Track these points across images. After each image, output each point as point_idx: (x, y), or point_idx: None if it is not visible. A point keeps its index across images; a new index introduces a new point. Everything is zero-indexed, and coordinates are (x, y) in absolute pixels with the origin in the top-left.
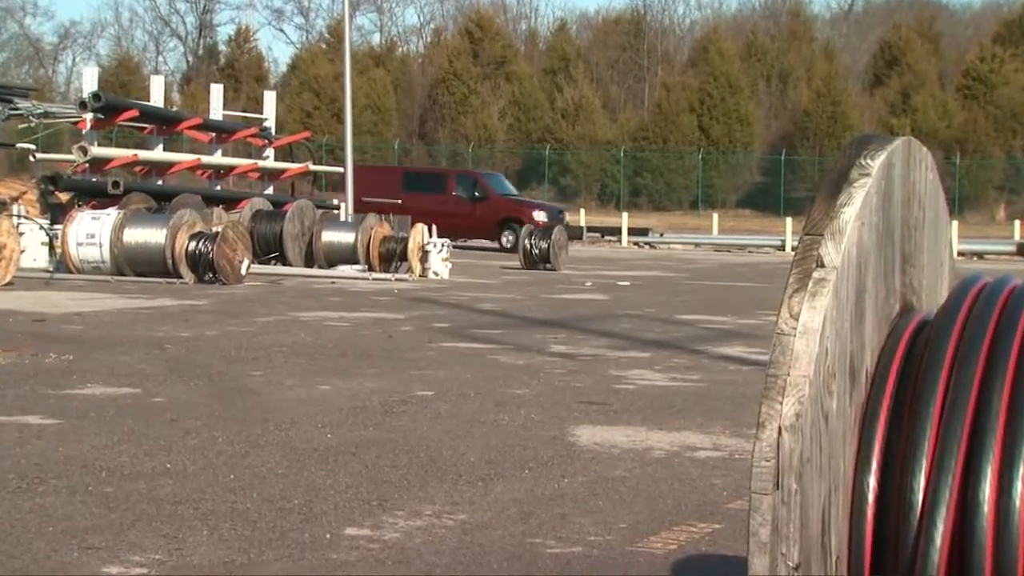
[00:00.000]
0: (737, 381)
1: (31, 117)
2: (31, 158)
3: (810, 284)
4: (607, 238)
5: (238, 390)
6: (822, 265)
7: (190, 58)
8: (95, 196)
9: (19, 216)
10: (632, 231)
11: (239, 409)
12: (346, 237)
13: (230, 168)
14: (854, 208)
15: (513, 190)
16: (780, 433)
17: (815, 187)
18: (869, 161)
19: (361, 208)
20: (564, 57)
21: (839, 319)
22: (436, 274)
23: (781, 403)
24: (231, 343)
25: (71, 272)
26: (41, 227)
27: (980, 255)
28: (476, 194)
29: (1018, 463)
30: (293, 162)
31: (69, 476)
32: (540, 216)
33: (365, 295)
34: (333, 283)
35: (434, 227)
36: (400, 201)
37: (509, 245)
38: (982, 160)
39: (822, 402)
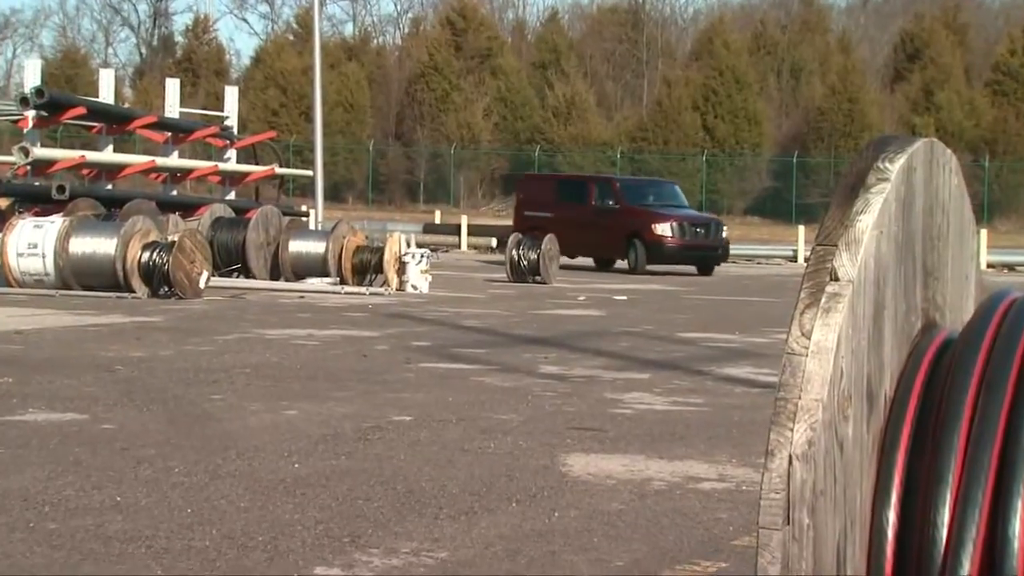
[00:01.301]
0: (744, 405)
1: None
2: None
3: (823, 299)
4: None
5: (196, 415)
6: (836, 278)
7: (143, 50)
8: (38, 202)
9: None
10: None
11: (197, 436)
12: (315, 247)
13: (187, 171)
14: (871, 216)
15: (683, 199)
16: (791, 462)
17: (829, 192)
18: (888, 165)
19: (524, 227)
20: (555, 50)
21: (855, 338)
22: (415, 288)
23: (792, 430)
24: (188, 364)
25: (11, 286)
26: None
27: (1011, 267)
28: (609, 203)
29: None
30: (257, 164)
31: (8, 511)
32: (664, 230)
33: (336, 311)
34: (301, 298)
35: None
36: (551, 215)
37: (632, 265)
38: (1013, 163)
39: (837, 429)
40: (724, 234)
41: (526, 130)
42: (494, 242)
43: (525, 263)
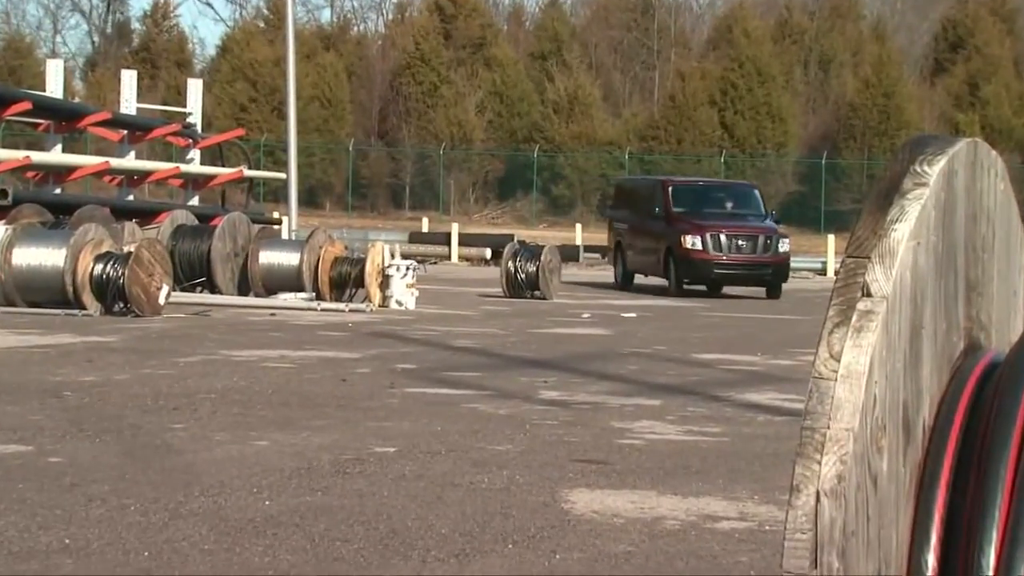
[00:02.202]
0: (767, 435)
1: None
2: None
3: (854, 317)
4: (608, 259)
5: (155, 447)
6: (869, 294)
7: (96, 38)
8: None
9: None
10: None
11: (156, 471)
12: (289, 258)
13: (146, 173)
14: (908, 225)
15: (758, 206)
16: (819, 499)
17: (862, 198)
18: (926, 168)
19: (613, 244)
20: (556, 39)
21: (890, 360)
22: (400, 304)
23: (819, 462)
24: (146, 389)
25: None
26: None
27: None
28: (655, 210)
29: None
30: (224, 166)
31: None
32: (694, 243)
33: (312, 330)
34: (273, 315)
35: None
36: (626, 226)
37: (669, 285)
38: None
39: (869, 461)
40: (784, 247)
41: (524, 128)
42: (488, 253)
43: (523, 276)
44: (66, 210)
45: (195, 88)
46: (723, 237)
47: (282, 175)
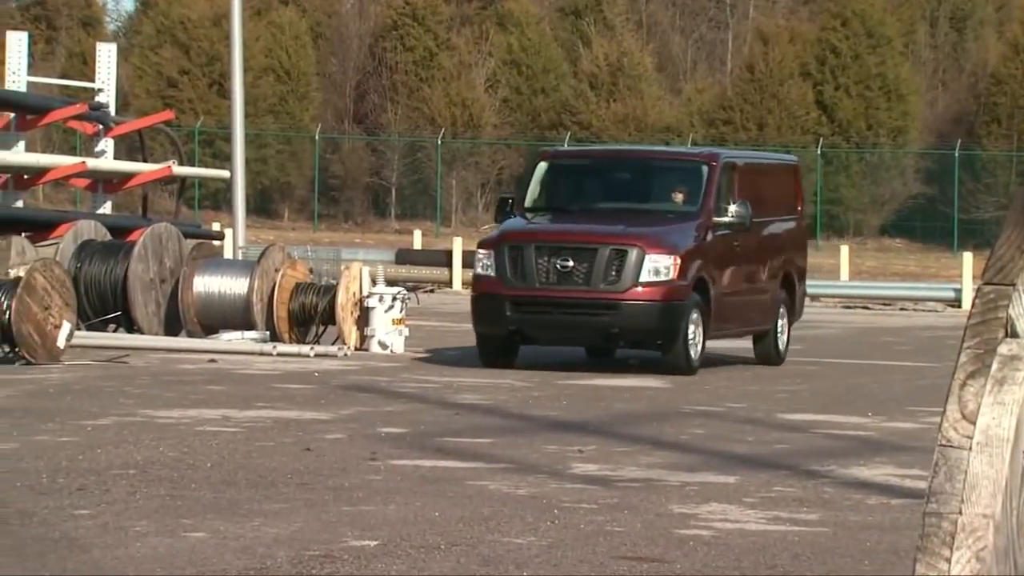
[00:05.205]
0: (882, 524)
1: None
2: None
3: (994, 365)
4: None
5: (52, 541)
6: (1015, 334)
7: None
8: None
9: None
10: None
11: (54, 573)
12: (234, 285)
13: (40, 171)
14: None
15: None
16: None
17: (1009, 203)
18: None
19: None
20: None
21: None
22: (384, 346)
23: (949, 560)
24: (42, 463)
25: None
26: None
27: None
28: (512, 202)
29: None
30: (146, 160)
31: None
32: (484, 266)
33: (266, 381)
34: (213, 361)
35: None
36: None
37: None
38: None
39: (1016, 559)
40: (661, 272)
41: (550, 109)
42: None
43: None
44: None
45: (107, 55)
46: (543, 253)
47: (225, 173)
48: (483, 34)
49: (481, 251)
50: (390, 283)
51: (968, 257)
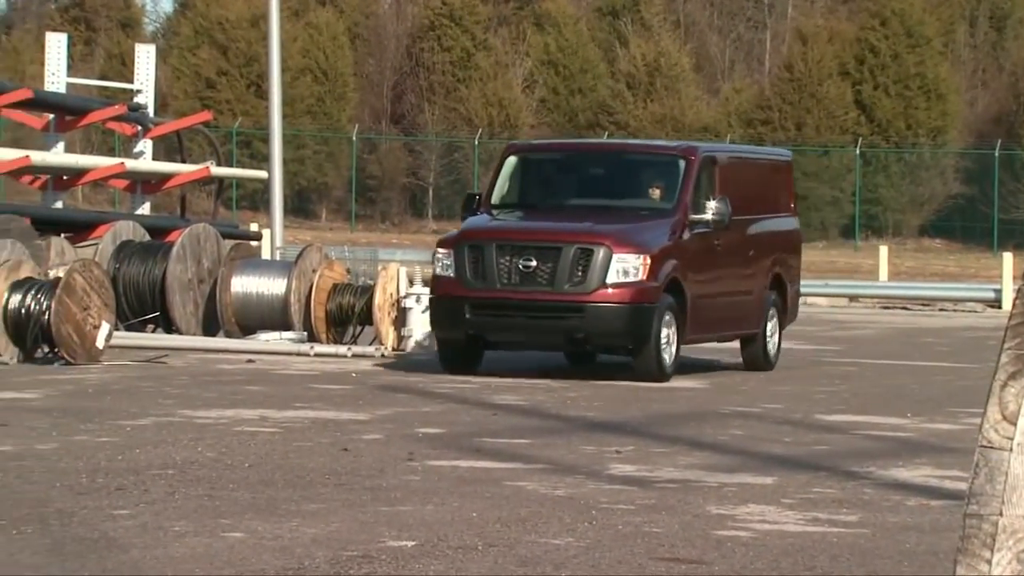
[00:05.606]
0: (921, 526)
1: None
2: None
3: None
4: None
5: (91, 541)
6: None
7: None
8: None
9: None
10: None
11: (93, 573)
12: (271, 286)
13: (79, 172)
14: None
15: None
16: None
17: None
18: None
19: None
20: None
21: None
22: (421, 346)
23: (989, 562)
24: (81, 463)
25: None
26: None
27: None
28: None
29: None
30: (184, 161)
31: None
32: (444, 265)
33: (303, 381)
34: (251, 361)
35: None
36: None
37: None
38: None
39: None
40: (627, 273)
41: (587, 109)
42: None
43: None
44: None
45: (146, 57)
46: (504, 253)
47: (263, 173)
48: (520, 34)
49: (440, 250)
50: (427, 283)
51: (1008, 257)
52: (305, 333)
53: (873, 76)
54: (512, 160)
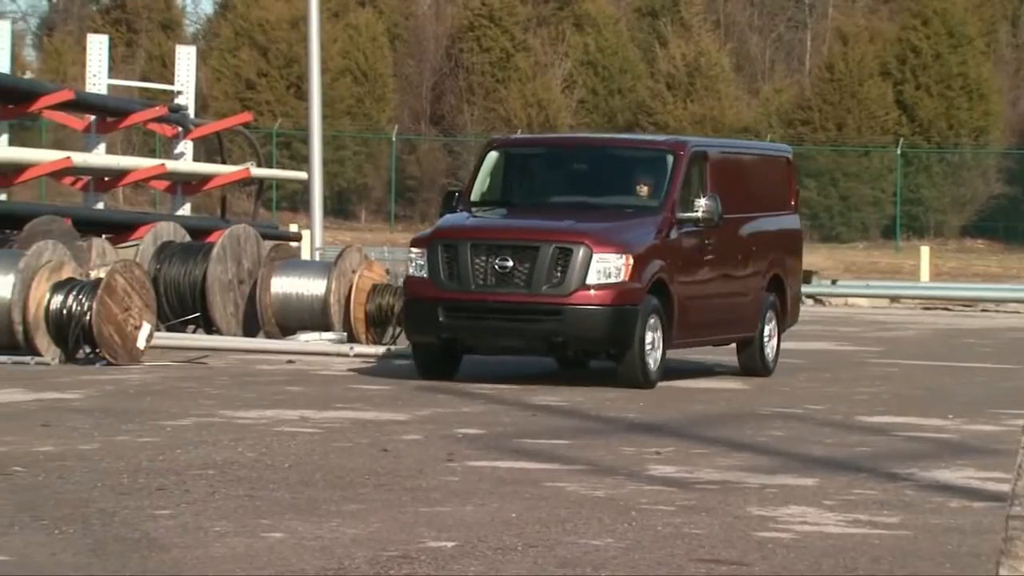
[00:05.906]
0: (963, 528)
1: None
2: None
3: None
4: None
5: (133, 541)
6: None
7: None
8: None
9: None
10: None
11: (134, 573)
12: (311, 287)
13: (120, 173)
14: None
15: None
16: None
17: None
18: None
19: None
20: None
21: None
22: None
23: None
24: (122, 463)
25: None
26: None
27: None
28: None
29: None
30: (224, 162)
31: None
32: (418, 266)
33: (343, 382)
34: (291, 362)
35: None
36: None
37: None
38: None
39: None
40: (610, 274)
41: (627, 110)
42: None
43: None
44: (13, 223)
45: (186, 58)
46: (480, 252)
47: (303, 174)
48: (559, 35)
49: (413, 250)
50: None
51: None
52: (345, 334)
53: (915, 76)
54: (493, 155)
